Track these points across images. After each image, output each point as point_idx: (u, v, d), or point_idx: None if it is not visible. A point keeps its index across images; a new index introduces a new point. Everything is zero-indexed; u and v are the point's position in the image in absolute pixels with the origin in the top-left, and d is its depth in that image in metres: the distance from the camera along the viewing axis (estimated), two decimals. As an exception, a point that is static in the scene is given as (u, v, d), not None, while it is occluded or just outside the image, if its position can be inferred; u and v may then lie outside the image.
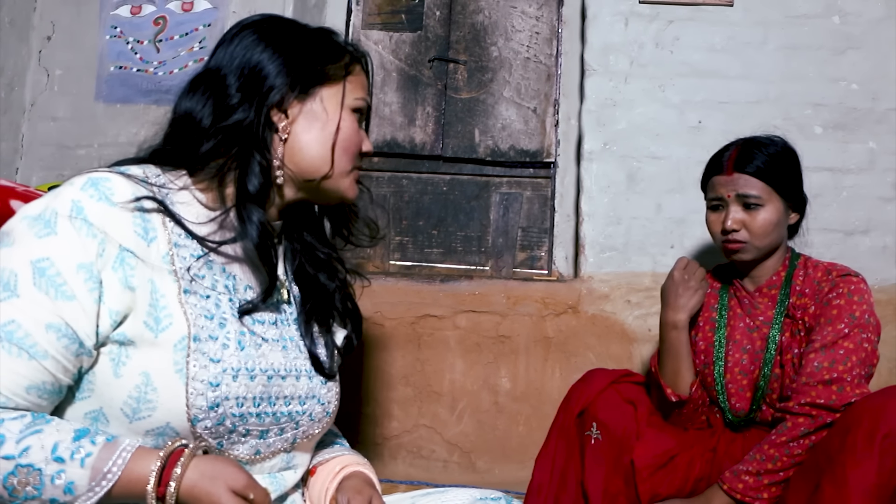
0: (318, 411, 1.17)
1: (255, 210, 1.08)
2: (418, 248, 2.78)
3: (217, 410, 1.00)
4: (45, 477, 0.88)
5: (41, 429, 0.90)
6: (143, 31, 2.78)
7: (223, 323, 1.05)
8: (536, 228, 2.75)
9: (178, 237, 1.05)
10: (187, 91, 1.15)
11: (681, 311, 1.76)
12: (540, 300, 2.51)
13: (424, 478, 2.41)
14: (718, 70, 2.57)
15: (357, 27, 2.88)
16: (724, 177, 1.73)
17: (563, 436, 1.78)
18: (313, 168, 1.14)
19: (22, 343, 0.91)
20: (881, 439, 1.39)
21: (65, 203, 0.96)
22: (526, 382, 2.47)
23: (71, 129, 2.76)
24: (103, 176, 1.00)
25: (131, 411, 0.97)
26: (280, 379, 1.10)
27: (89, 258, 0.95)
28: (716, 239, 1.79)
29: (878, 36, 2.54)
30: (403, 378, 2.49)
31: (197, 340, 1.00)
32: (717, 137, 2.47)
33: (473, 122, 2.79)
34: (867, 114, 2.52)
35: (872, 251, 2.46)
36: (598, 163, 2.57)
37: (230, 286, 1.10)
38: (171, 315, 1.00)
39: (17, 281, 0.92)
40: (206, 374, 0.99)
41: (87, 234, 0.95)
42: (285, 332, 1.16)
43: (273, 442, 1.11)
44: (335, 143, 1.14)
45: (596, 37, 2.63)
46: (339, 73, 1.16)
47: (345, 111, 1.15)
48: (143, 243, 1.00)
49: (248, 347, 1.07)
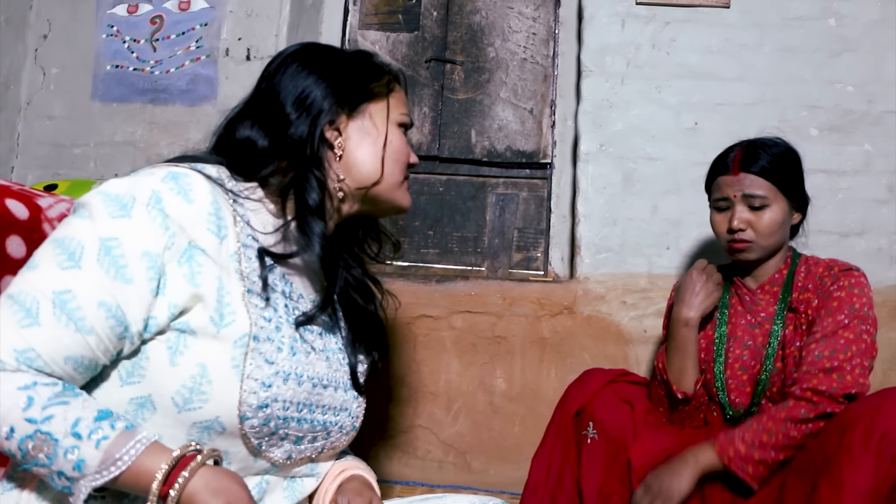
0: (347, 423, 1.21)
1: (316, 223, 1.14)
2: (414, 248, 2.78)
3: (265, 411, 1.03)
4: (60, 449, 0.89)
5: (68, 401, 0.92)
6: (140, 30, 2.78)
7: (279, 327, 1.08)
8: (532, 229, 2.75)
9: (246, 238, 1.08)
10: (239, 118, 1.20)
11: (694, 310, 1.76)
12: (536, 301, 2.51)
13: (419, 478, 2.41)
14: (715, 72, 2.57)
15: (354, 27, 2.88)
16: (729, 177, 1.75)
17: (560, 435, 1.78)
18: (368, 181, 1.20)
19: (72, 314, 0.93)
20: (878, 441, 1.40)
21: (145, 190, 0.99)
22: (521, 383, 2.47)
23: (67, 128, 2.76)
24: (183, 171, 1.03)
25: (182, 401, 0.98)
26: (322, 388, 1.14)
27: (157, 248, 0.97)
28: (721, 239, 1.80)
29: (874, 38, 2.54)
30: (399, 378, 2.49)
31: (256, 340, 1.03)
32: (714, 139, 2.49)
33: (470, 122, 2.79)
34: (863, 116, 2.52)
35: (867, 253, 2.46)
36: (595, 164, 2.58)
37: (287, 292, 1.14)
38: (234, 312, 1.02)
39: (83, 253, 0.95)
40: (261, 374, 1.02)
41: (161, 225, 0.98)
42: (329, 344, 1.19)
43: (304, 449, 1.14)
44: (385, 154, 1.21)
45: (592, 38, 2.63)
46: (382, 90, 1.23)
47: (391, 125, 1.23)
48: (215, 240, 1.02)
49: (299, 353, 1.10)
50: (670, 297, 1.93)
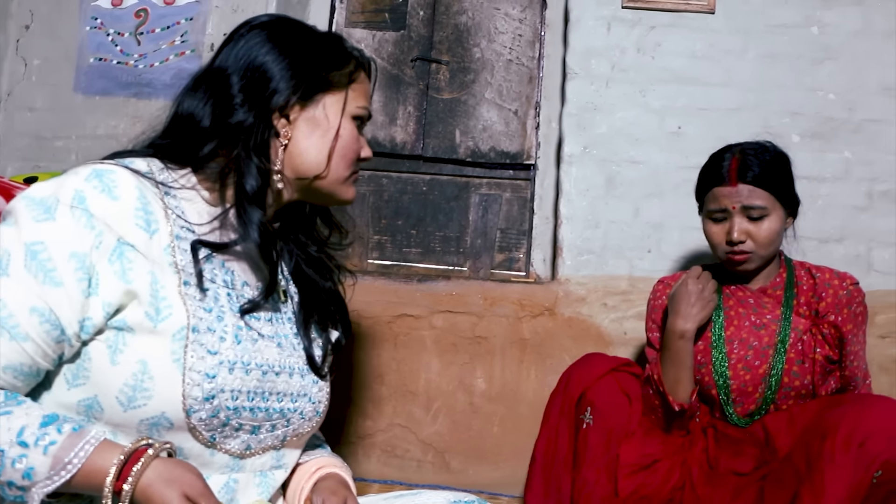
0: (308, 410, 1.18)
1: (254, 211, 1.10)
2: (397, 247, 2.78)
3: (212, 402, 1.01)
4: (7, 459, 0.88)
5: (11, 410, 0.91)
6: (124, 24, 2.76)
7: (221, 316, 1.06)
8: (515, 230, 2.76)
9: (180, 230, 1.06)
10: (190, 88, 1.17)
11: (690, 321, 1.73)
12: (517, 302, 2.52)
13: (398, 477, 2.41)
14: (699, 77, 2.59)
15: (340, 25, 2.88)
16: (727, 188, 1.73)
17: (564, 416, 1.77)
18: (310, 173, 1.16)
19: (4, 323, 0.92)
20: (857, 447, 1.41)
21: (68, 191, 0.97)
22: (501, 383, 2.47)
23: (48, 121, 2.73)
24: (108, 168, 1.01)
25: (126, 399, 0.97)
26: (274, 375, 1.11)
27: (84, 248, 0.96)
28: (718, 250, 1.78)
29: (855, 48, 2.57)
30: (379, 377, 2.49)
31: (195, 331, 1.01)
32: (697, 144, 2.51)
33: (454, 122, 2.79)
34: (843, 124, 2.54)
35: (846, 259, 2.49)
36: (578, 166, 2.58)
37: (229, 281, 1.11)
38: (170, 306, 1.00)
39: (10, 261, 0.94)
40: (203, 366, 1.00)
41: (86, 225, 0.96)
42: (280, 330, 1.17)
43: (264, 438, 1.12)
44: (333, 149, 1.16)
45: (578, 40, 2.64)
46: (342, 80, 1.18)
47: (345, 119, 1.17)
48: (145, 236, 1.00)
49: (244, 342, 1.08)
50: (657, 301, 1.92)
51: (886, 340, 2.43)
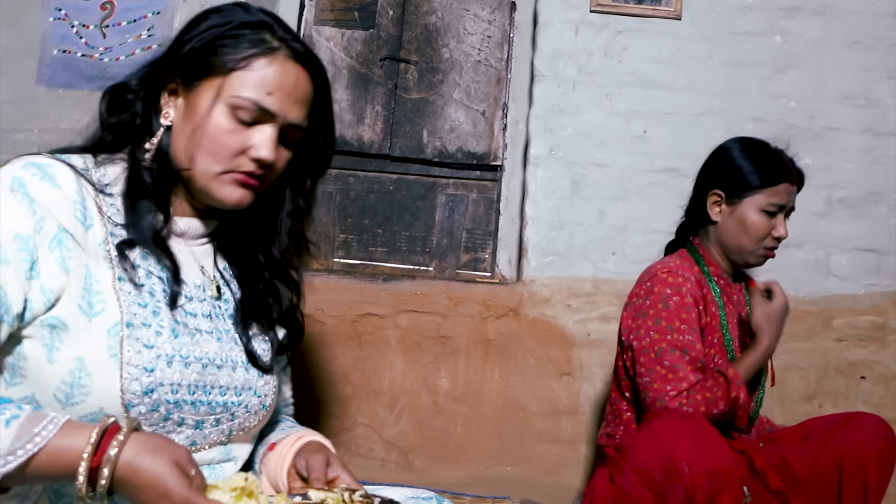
0: (254, 403, 1.16)
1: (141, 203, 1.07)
2: (363, 246, 2.77)
3: (151, 396, 0.99)
4: None
5: None
6: (90, 16, 2.72)
7: (157, 311, 1.05)
8: (481, 231, 2.76)
9: (113, 226, 1.04)
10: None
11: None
12: (482, 302, 2.53)
13: (362, 476, 2.37)
14: (664, 81, 2.62)
15: (309, 22, 2.87)
16: (791, 186, 1.76)
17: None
18: (180, 164, 1.09)
19: None
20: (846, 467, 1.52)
21: (6, 177, 0.96)
22: (465, 383, 2.48)
23: (9, 112, 2.69)
24: (45, 161, 1.00)
25: (65, 397, 0.95)
26: (216, 368, 1.10)
27: (27, 231, 0.94)
28: (755, 243, 1.75)
29: (816, 57, 2.62)
30: (343, 376, 2.48)
31: (130, 326, 0.99)
32: (662, 148, 2.54)
33: (422, 122, 2.79)
34: (804, 131, 2.59)
35: (805, 264, 2.53)
36: (544, 168, 2.60)
37: (164, 277, 1.09)
38: (104, 301, 0.99)
39: None
40: (141, 360, 0.99)
41: (28, 209, 0.95)
42: (220, 326, 1.15)
43: (209, 433, 1.10)
44: (199, 143, 1.07)
45: (546, 43, 2.66)
46: (224, 65, 1.06)
47: (218, 107, 1.06)
48: (81, 228, 0.99)
49: (182, 335, 1.06)
50: (684, 299, 1.70)
51: (843, 343, 2.48)
